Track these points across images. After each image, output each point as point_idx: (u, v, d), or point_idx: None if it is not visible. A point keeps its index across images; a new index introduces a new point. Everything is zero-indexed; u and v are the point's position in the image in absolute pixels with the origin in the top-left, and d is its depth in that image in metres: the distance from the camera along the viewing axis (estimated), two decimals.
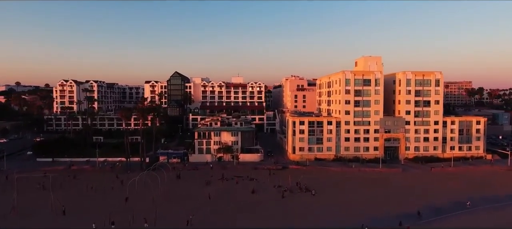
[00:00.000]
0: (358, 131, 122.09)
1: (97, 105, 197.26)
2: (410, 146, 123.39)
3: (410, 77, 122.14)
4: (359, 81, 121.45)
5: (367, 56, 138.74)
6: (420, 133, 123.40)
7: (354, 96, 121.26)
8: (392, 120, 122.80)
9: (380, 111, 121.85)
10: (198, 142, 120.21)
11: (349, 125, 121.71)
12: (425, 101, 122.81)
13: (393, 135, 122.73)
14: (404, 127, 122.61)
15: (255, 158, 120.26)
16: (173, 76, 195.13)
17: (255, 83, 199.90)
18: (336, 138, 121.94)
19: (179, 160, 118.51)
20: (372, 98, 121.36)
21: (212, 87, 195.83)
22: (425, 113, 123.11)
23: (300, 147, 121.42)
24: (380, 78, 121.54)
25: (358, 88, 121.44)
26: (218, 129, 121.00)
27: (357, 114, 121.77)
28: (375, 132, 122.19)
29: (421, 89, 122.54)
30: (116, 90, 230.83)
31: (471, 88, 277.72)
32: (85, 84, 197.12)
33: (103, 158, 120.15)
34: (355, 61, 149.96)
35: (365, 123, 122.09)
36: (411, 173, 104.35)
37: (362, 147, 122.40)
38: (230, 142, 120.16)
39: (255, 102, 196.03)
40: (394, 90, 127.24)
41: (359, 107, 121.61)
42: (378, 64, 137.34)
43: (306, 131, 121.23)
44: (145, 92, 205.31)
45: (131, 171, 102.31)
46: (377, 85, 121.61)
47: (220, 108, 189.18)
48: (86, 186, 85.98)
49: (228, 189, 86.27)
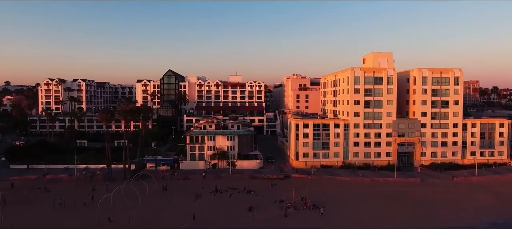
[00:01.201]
0: (369, 135, 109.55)
1: (86, 105, 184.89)
2: (426, 151, 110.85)
3: (426, 74, 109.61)
4: (369, 79, 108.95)
5: (377, 52, 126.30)
6: (437, 137, 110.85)
7: (364, 95, 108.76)
8: (406, 123, 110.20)
9: (393, 113, 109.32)
10: (190, 147, 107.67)
11: (359, 128, 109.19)
12: (443, 101, 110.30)
13: (407, 139, 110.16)
14: (419, 130, 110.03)
15: (254, 165, 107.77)
16: (166, 74, 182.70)
17: (254, 82, 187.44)
18: (344, 143, 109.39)
19: (169, 167, 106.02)
20: (384, 98, 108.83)
21: (209, 87, 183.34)
22: (443, 114, 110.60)
23: (304, 153, 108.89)
24: (393, 75, 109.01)
25: (368, 87, 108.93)
26: (212, 132, 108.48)
27: (368, 116, 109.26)
28: (387, 136, 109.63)
29: (438, 88, 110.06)
30: (108, 89, 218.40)
31: (482, 88, 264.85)
32: (71, 83, 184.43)
33: (85, 165, 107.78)
34: (363, 58, 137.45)
35: (377, 126, 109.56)
36: (431, 183, 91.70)
37: (373, 152, 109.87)
38: (226, 147, 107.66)
39: (254, 103, 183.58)
40: (408, 90, 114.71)
41: (369, 108, 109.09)
42: (389, 60, 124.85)
43: (310, 135, 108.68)
44: (137, 92, 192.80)
45: (113, 181, 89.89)
46: (390, 84, 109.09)
47: (217, 108, 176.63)
48: (55, 200, 73.27)
49: (220, 205, 73.57)
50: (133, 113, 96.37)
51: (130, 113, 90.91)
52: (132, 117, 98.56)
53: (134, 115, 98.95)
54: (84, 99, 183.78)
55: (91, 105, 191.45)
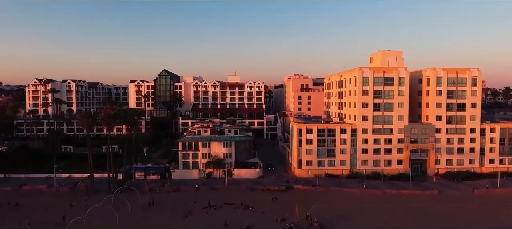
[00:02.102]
0: (378, 141, 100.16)
1: (76, 107, 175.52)
2: (441, 158, 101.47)
3: (441, 74, 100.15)
4: (379, 80, 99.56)
5: (385, 50, 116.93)
6: (453, 143, 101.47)
7: (373, 98, 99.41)
8: (419, 128, 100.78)
9: (405, 117, 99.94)
10: (182, 154, 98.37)
11: (367, 134, 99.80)
12: (460, 104, 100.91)
13: (420, 145, 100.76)
14: (433, 135, 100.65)
15: (253, 173, 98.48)
16: (161, 74, 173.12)
17: (253, 82, 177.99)
18: (351, 150, 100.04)
19: (159, 176, 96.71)
20: (395, 101, 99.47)
21: (205, 87, 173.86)
22: (460, 118, 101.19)
23: (307, 161, 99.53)
24: (405, 76, 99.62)
25: (378, 88, 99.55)
26: (206, 138, 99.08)
27: (377, 120, 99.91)
28: (398, 142, 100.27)
29: (454, 89, 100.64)
30: (100, 90, 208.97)
31: (488, 88, 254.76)
32: (60, 84, 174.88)
33: (67, 174, 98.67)
34: (370, 57, 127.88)
35: (387, 131, 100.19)
36: (450, 196, 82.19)
37: (382, 160, 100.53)
38: (222, 155, 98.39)
39: (254, 104, 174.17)
40: (420, 91, 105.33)
41: (379, 111, 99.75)
42: (399, 59, 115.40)
43: (314, 141, 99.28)
44: (130, 93, 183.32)
45: (95, 193, 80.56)
46: (402, 85, 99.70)
47: (214, 111, 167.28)
48: (22, 220, 63.82)
49: (213, 224, 64.05)
50: (117, 117, 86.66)
51: (113, 118, 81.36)
52: (117, 122, 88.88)
53: (118, 120, 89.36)
54: (74, 101, 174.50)
55: (82, 107, 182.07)
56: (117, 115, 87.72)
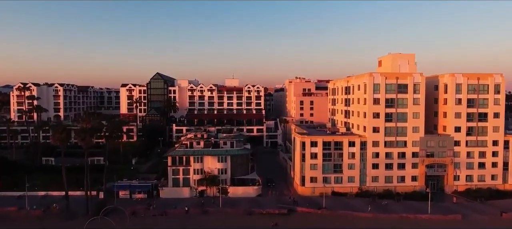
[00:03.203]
0: (391, 155, 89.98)
1: (63, 113, 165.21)
2: (460, 174, 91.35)
3: (460, 81, 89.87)
4: (391, 87, 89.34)
5: (396, 53, 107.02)
6: (473, 157, 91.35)
7: (385, 107, 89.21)
8: (436, 140, 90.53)
9: (420, 128, 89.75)
10: (172, 170, 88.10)
11: (378, 147, 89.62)
12: (481, 114, 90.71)
13: (437, 160, 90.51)
14: (452, 149, 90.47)
15: (251, 192, 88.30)
16: (154, 78, 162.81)
17: (252, 86, 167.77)
18: (360, 165, 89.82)
19: (146, 195, 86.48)
20: (410, 110, 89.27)
21: (201, 92, 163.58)
22: (481, 130, 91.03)
23: (311, 177, 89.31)
24: (421, 82, 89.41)
25: (390, 96, 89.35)
26: (199, 152, 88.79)
27: (389, 132, 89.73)
28: (413, 156, 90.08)
29: (475, 97, 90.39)
30: (91, 94, 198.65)
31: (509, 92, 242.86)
32: (46, 88, 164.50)
33: (44, 193, 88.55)
34: (378, 60, 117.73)
35: (400, 144, 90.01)
36: (475, 221, 71.85)
37: (395, 176, 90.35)
38: (216, 170, 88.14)
39: (253, 110, 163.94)
40: (437, 99, 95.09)
41: (391, 122, 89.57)
42: (411, 63, 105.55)
43: (319, 155, 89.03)
44: (121, 97, 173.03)
45: (69, 218, 70.38)
46: (417, 92, 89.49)
47: (211, 117, 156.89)
48: None
49: None
50: (95, 131, 76.27)
51: (90, 132, 70.98)
52: (96, 134, 78.51)
53: (100, 132, 79.06)
54: (62, 106, 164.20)
55: (70, 112, 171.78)
56: (95, 129, 77.02)
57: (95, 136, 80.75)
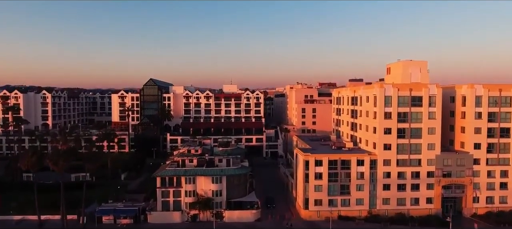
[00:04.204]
0: (403, 175, 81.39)
1: (52, 121, 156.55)
2: (479, 196, 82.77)
3: (480, 92, 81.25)
4: (404, 99, 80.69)
5: (407, 60, 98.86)
6: (494, 176, 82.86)
7: (398, 122, 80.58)
8: (454, 158, 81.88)
9: (436, 145, 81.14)
10: (161, 192, 79.49)
11: (390, 166, 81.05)
12: (503, 129, 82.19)
13: (455, 180, 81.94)
14: (471, 167, 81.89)
15: (248, 216, 79.69)
16: (147, 84, 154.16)
17: (251, 92, 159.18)
18: (370, 186, 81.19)
19: (132, 220, 77.90)
20: (425, 125, 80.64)
21: (197, 99, 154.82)
22: (503, 147, 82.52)
23: (316, 200, 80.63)
24: (437, 94, 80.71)
25: (403, 110, 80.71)
26: (191, 172, 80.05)
27: (402, 149, 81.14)
28: (428, 176, 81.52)
29: (496, 111, 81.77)
30: (83, 100, 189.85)
31: None
32: (34, 95, 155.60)
33: (20, 217, 79.97)
34: (387, 67, 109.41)
35: (414, 162, 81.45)
36: None
37: (408, 198, 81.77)
38: (210, 192, 79.56)
39: (252, 118, 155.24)
40: (453, 112, 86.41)
41: (404, 138, 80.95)
42: (423, 71, 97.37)
43: (325, 175, 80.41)
44: (113, 105, 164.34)
45: None
46: (432, 106, 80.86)
47: (207, 126, 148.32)
48: None
49: None
50: (71, 155, 67.38)
51: (65, 156, 62.26)
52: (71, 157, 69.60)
53: (73, 156, 70.23)
54: (50, 114, 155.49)
55: (60, 120, 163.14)
56: (71, 152, 68.13)
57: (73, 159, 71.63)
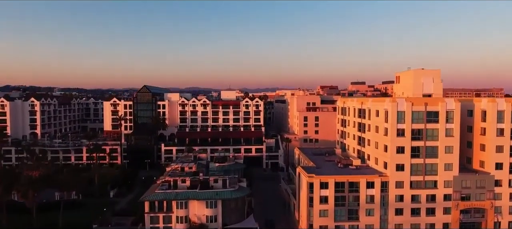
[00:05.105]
0: (418, 198, 73.88)
1: (41, 130, 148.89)
2: (501, 220, 75.22)
3: (503, 107, 73.68)
4: (419, 115, 73.16)
5: (419, 69, 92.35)
6: None
7: (412, 139, 72.97)
8: (473, 180, 74.19)
9: (454, 165, 73.57)
10: (150, 218, 71.82)
11: (403, 189, 73.48)
12: None
13: (474, 203, 74.36)
14: (492, 190, 74.30)
15: None
16: (140, 91, 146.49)
17: (250, 99, 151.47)
18: (380, 210, 73.61)
19: None
20: (441, 143, 73.04)
21: (194, 106, 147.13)
22: None
23: (321, 226, 72.97)
24: (455, 110, 72.97)
25: (417, 127, 73.15)
26: (183, 196, 72.32)
27: (416, 170, 73.60)
28: (445, 199, 74.05)
29: None
30: (75, 106, 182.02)
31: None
32: (22, 103, 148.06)
33: None
34: (396, 76, 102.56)
35: (429, 184, 73.96)
36: None
37: (423, 224, 74.27)
38: (205, 217, 71.90)
39: (251, 126, 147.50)
40: (471, 127, 78.68)
41: (419, 157, 73.41)
42: (436, 81, 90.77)
43: (331, 199, 72.81)
44: (104, 112, 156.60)
45: None
46: (450, 122, 73.23)
47: (204, 136, 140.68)
48: None
49: None
50: (42, 183, 59.49)
51: (35, 186, 54.44)
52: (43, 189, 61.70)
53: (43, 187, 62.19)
54: (39, 123, 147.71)
55: (50, 128, 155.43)
56: (43, 180, 60.19)
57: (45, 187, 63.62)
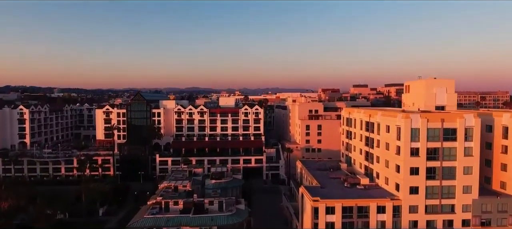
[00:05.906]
0: (433, 224, 67.23)
1: (30, 139, 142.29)
2: None
3: None
4: (435, 132, 66.38)
5: (430, 79, 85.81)
6: None
7: (427, 159, 66.20)
8: (494, 204, 67.42)
9: (473, 187, 66.84)
10: None
11: (417, 213, 66.84)
12: None
13: None
14: None
15: None
16: (134, 99, 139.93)
17: (249, 107, 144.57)
18: None
19: None
20: (459, 164, 66.32)
21: (190, 114, 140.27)
22: None
23: None
24: (474, 127, 66.17)
25: (433, 146, 66.39)
26: (174, 222, 65.51)
27: (432, 193, 66.93)
28: (463, 224, 67.23)
29: None
30: (68, 113, 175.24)
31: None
32: (10, 111, 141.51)
33: None
34: (405, 85, 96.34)
35: (446, 208, 67.27)
36: None
37: None
38: None
39: (251, 135, 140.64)
40: (491, 144, 71.92)
41: (435, 179, 66.66)
42: (450, 91, 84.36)
43: (338, 225, 66.10)
44: (97, 121, 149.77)
45: None
46: (469, 140, 66.44)
47: (201, 145, 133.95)
48: None
49: None
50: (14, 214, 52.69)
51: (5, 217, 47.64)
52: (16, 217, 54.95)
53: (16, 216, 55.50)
54: (28, 132, 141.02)
55: (40, 137, 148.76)
56: (15, 211, 53.42)
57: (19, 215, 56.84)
